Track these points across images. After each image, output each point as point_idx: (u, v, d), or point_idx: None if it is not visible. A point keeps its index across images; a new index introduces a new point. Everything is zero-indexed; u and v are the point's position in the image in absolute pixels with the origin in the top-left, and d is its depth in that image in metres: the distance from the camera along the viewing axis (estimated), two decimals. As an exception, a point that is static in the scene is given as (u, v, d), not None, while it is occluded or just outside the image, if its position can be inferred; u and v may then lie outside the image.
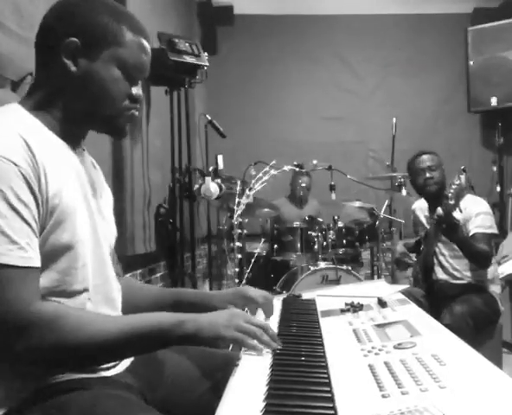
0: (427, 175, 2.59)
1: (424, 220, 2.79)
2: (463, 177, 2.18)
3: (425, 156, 2.64)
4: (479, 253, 2.45)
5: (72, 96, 1.00)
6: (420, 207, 2.84)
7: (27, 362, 0.88)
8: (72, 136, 1.04)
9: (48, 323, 0.85)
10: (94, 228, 1.04)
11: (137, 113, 1.09)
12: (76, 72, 0.99)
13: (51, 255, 0.92)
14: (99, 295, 1.04)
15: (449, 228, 2.34)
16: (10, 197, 0.84)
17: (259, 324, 1.02)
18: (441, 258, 2.63)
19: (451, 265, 2.61)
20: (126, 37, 1.01)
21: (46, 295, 0.92)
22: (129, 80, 1.03)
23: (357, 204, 3.80)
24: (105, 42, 1.00)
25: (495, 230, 2.55)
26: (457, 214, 2.27)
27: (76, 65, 0.99)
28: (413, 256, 2.89)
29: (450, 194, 2.18)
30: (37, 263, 0.88)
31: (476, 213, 2.52)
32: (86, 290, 1.00)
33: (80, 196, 1.00)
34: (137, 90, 1.06)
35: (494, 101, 4.56)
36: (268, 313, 1.28)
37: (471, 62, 4.69)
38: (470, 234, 2.50)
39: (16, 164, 0.86)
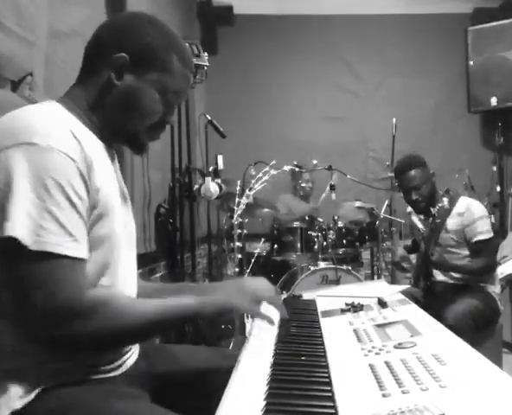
0: (413, 197, 2.55)
1: (419, 224, 2.79)
2: (445, 200, 2.26)
3: (410, 174, 2.55)
4: (477, 269, 2.52)
5: (109, 105, 1.05)
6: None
7: (76, 347, 0.92)
8: (107, 138, 1.08)
9: (98, 309, 0.90)
10: (125, 226, 1.10)
11: (159, 136, 1.14)
12: (119, 85, 1.04)
13: (90, 247, 0.95)
14: (124, 291, 1.07)
15: (434, 266, 2.52)
16: (69, 191, 0.89)
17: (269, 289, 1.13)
18: None
19: None
20: (174, 65, 1.06)
21: None
22: (165, 105, 1.08)
23: (357, 204, 3.80)
24: (153, 66, 1.04)
25: (492, 233, 2.55)
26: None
27: (120, 79, 1.04)
28: (413, 259, 2.89)
29: (435, 214, 2.29)
30: (86, 255, 0.92)
31: (475, 218, 2.51)
32: (114, 285, 1.03)
33: (116, 194, 1.06)
34: (170, 117, 1.11)
35: (494, 101, 4.56)
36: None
37: (471, 62, 4.69)
38: (473, 241, 2.51)
39: (73, 160, 0.91)
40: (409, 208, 2.93)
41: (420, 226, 2.77)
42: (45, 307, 0.85)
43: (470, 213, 2.52)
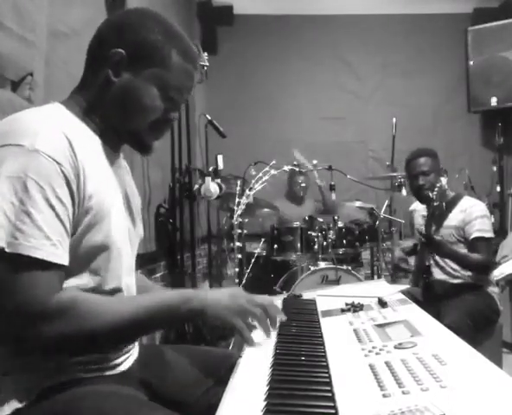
0: (420, 182, 2.60)
1: (421, 222, 2.79)
2: (443, 179, 2.35)
3: (420, 160, 2.62)
4: (474, 264, 2.53)
5: (108, 103, 1.03)
6: (418, 208, 2.86)
7: (46, 350, 0.90)
8: (111, 140, 1.06)
9: (65, 311, 0.87)
10: (127, 231, 1.08)
11: (164, 134, 1.10)
12: (116, 82, 1.01)
13: (86, 255, 0.94)
14: (127, 294, 1.07)
15: (433, 247, 2.48)
16: (49, 194, 0.87)
17: (261, 304, 1.05)
18: (437, 258, 2.63)
19: (448, 264, 2.61)
20: (173, 60, 1.03)
21: None
22: (166, 101, 1.04)
23: (357, 204, 3.80)
24: (151, 61, 1.02)
25: (492, 234, 2.56)
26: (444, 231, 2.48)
27: (118, 76, 1.01)
28: (412, 261, 2.89)
29: (434, 197, 2.35)
30: (66, 261, 0.89)
31: (475, 216, 2.53)
32: (116, 290, 1.02)
33: (115, 199, 1.03)
34: (173, 113, 1.07)
35: (494, 101, 4.56)
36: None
37: (471, 62, 4.69)
38: (471, 238, 2.51)
39: (58, 163, 0.89)
40: (412, 206, 2.95)
41: (421, 222, 2.77)
42: (14, 309, 0.83)
43: (471, 211, 2.55)
